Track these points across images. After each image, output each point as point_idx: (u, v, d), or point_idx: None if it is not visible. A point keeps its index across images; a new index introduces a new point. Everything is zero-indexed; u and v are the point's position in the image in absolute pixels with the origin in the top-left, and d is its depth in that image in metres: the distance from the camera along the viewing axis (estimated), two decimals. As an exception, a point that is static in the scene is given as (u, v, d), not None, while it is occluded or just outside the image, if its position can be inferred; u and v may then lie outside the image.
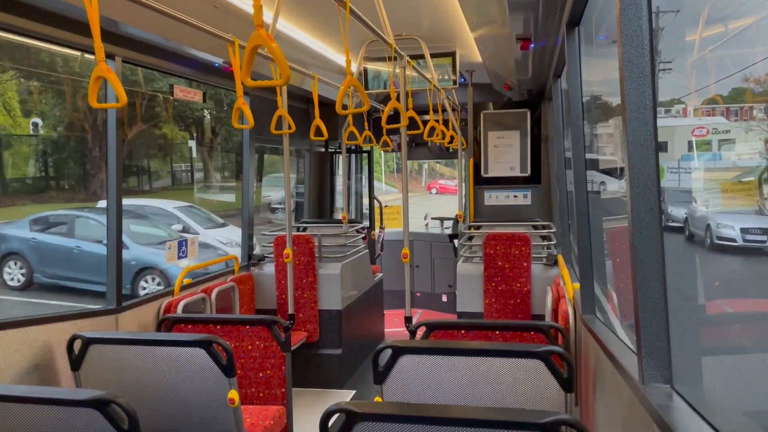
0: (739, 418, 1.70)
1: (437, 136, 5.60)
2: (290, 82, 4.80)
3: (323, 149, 7.89)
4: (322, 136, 4.44)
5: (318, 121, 4.35)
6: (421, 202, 25.62)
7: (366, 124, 7.33)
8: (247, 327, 3.71)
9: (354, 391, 5.40)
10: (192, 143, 19.27)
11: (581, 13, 3.09)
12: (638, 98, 1.71)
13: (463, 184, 7.53)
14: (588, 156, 3.44)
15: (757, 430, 1.72)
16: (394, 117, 6.39)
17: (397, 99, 3.64)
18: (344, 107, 2.93)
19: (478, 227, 5.96)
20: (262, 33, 1.81)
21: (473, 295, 5.22)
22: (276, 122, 3.93)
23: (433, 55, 5.55)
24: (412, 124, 4.01)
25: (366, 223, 8.05)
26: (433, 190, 34.80)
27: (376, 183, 9.00)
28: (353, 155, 8.63)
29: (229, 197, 19.12)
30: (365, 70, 6.10)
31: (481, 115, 7.51)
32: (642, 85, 1.70)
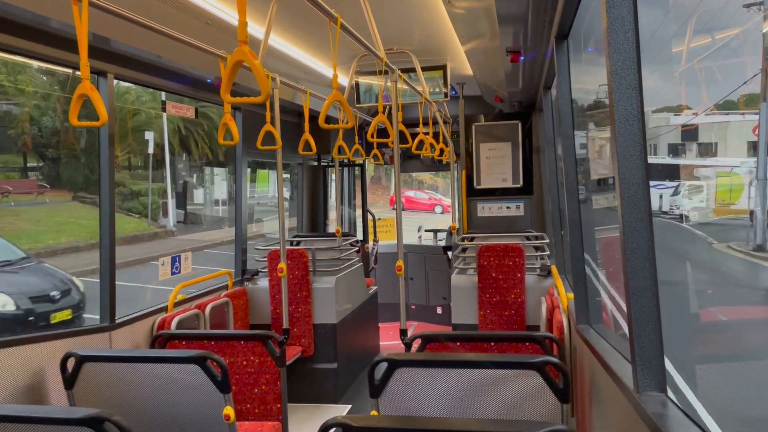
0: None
1: (426, 149, 5.63)
2: (283, 96, 4.84)
3: (316, 163, 7.90)
4: (311, 150, 4.46)
5: (307, 136, 4.37)
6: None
7: (357, 137, 7.36)
8: (242, 342, 3.69)
9: (350, 406, 5.37)
10: None
11: (570, 27, 3.13)
12: (627, 110, 1.74)
13: (456, 196, 7.56)
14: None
15: None
16: (385, 130, 6.45)
17: (388, 113, 3.67)
18: (335, 121, 2.96)
19: (472, 239, 5.97)
20: (245, 49, 1.81)
21: (468, 307, 5.22)
22: (266, 137, 3.94)
23: (424, 69, 5.59)
24: (401, 138, 4.03)
25: (359, 236, 8.06)
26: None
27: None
28: (346, 168, 8.66)
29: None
30: (357, 84, 6.14)
31: (473, 127, 7.56)
32: (630, 96, 1.73)
